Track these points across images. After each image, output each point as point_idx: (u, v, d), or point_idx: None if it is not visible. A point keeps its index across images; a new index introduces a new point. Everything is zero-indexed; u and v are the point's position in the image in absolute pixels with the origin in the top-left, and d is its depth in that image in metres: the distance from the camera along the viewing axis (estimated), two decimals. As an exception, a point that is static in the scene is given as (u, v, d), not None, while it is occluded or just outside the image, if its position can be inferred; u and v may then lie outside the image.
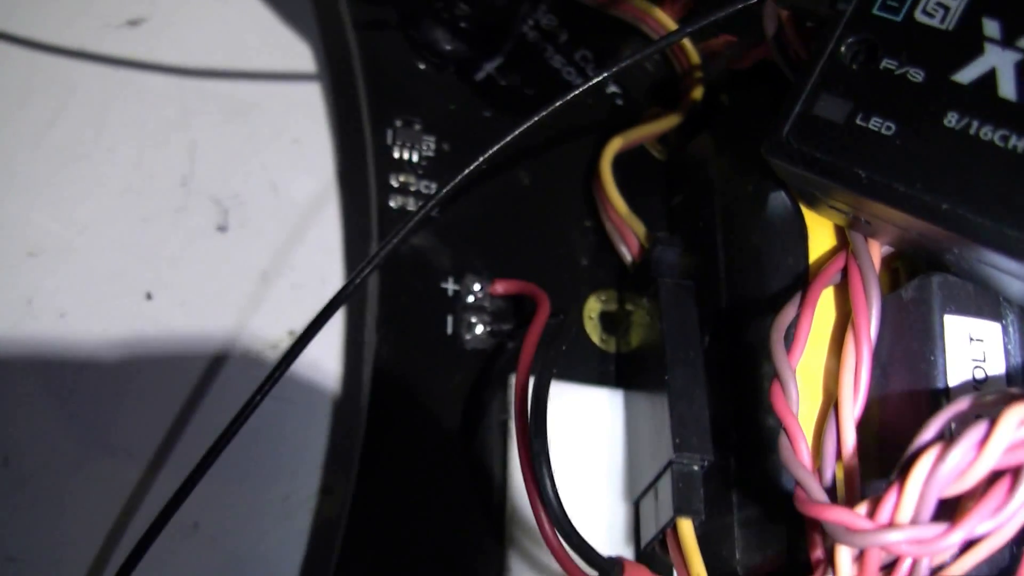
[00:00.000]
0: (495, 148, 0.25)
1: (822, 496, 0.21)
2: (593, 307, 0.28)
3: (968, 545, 0.20)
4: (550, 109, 0.25)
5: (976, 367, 0.22)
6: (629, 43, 0.32)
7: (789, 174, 0.23)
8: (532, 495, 0.23)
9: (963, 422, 0.20)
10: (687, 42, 0.31)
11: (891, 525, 0.19)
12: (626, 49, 0.32)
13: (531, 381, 0.24)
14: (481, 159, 0.25)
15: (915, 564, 0.21)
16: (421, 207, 0.24)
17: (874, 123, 0.21)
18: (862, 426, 0.24)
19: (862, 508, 0.20)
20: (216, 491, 0.26)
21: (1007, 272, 0.21)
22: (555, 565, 0.23)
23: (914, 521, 0.19)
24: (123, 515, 0.25)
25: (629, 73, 0.32)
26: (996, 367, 0.22)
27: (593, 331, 0.28)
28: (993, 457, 0.19)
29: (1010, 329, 0.23)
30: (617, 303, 0.29)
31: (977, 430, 0.19)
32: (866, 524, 0.20)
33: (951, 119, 0.21)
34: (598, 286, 0.29)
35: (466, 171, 0.25)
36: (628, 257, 0.28)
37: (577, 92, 0.25)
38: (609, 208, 0.28)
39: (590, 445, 0.27)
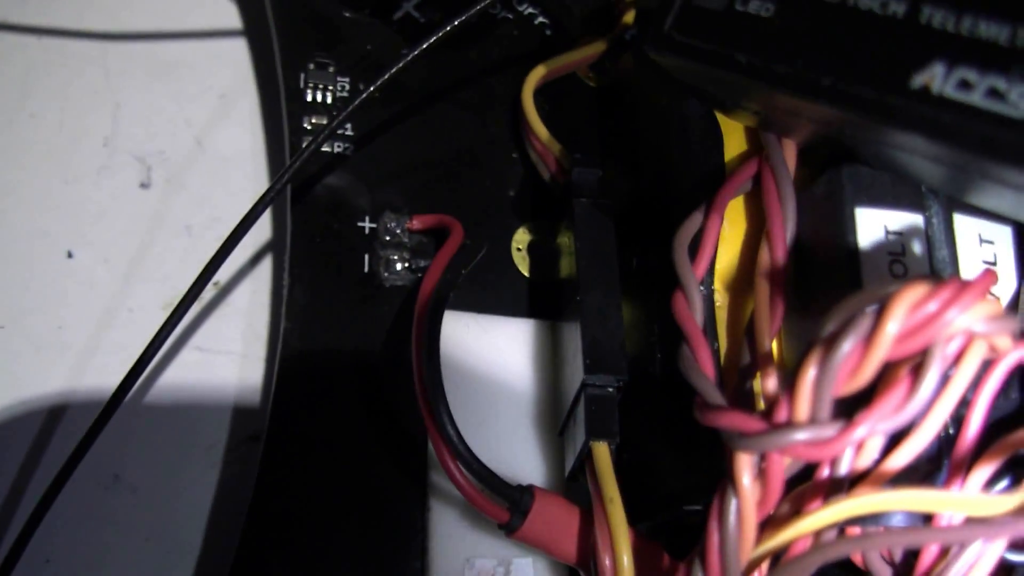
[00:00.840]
0: (393, 70, 0.24)
1: (719, 401, 0.20)
2: (521, 238, 0.27)
3: (894, 443, 0.19)
4: (443, 32, 0.24)
5: (894, 261, 0.21)
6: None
7: (675, 68, 0.22)
8: (429, 426, 0.22)
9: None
10: (616, -34, 0.30)
11: (783, 425, 0.18)
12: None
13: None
14: (380, 81, 0.24)
15: (832, 471, 0.20)
16: (324, 128, 0.24)
17: (753, 6, 0.20)
18: (784, 335, 0.22)
19: (758, 414, 0.19)
20: (137, 442, 0.25)
21: (909, 150, 0.19)
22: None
23: (811, 422, 0.18)
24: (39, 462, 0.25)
25: (560, 3, 0.31)
26: (918, 260, 0.21)
27: (522, 263, 0.27)
28: (883, 348, 0.17)
29: (934, 220, 0.21)
30: (546, 234, 0.28)
31: (865, 321, 0.17)
32: (758, 425, 0.18)
33: (829, -9, 0.19)
34: (528, 218, 0.28)
35: (363, 94, 0.24)
36: (552, 184, 0.27)
37: (471, 15, 0.24)
38: (532, 136, 0.27)
39: (520, 379, 0.26)
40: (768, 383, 0.21)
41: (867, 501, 0.19)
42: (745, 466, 0.19)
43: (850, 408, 0.18)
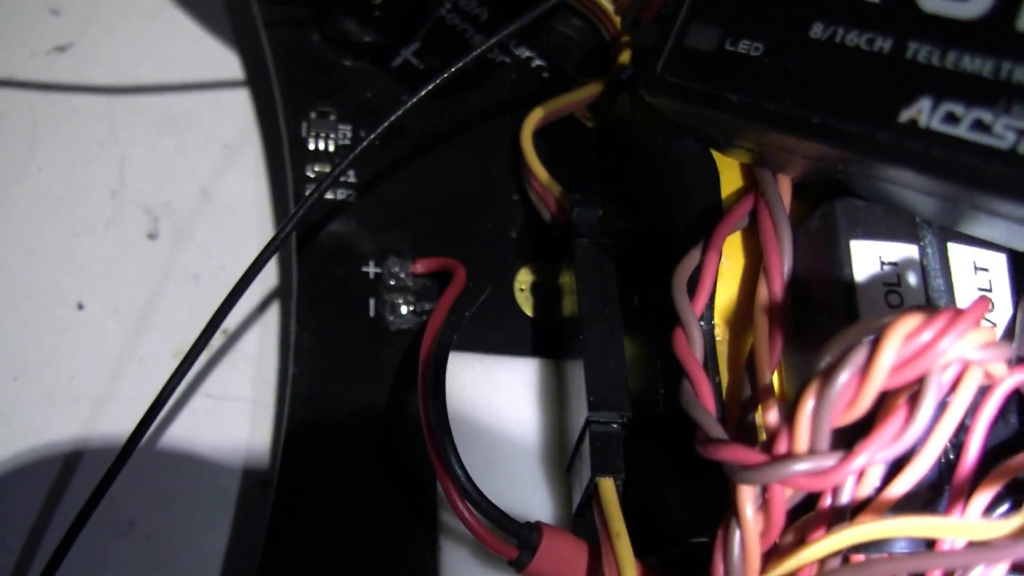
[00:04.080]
0: (392, 117, 0.25)
1: (720, 434, 0.20)
2: (524, 279, 0.28)
3: (896, 471, 0.19)
4: (440, 79, 0.25)
5: (890, 292, 0.21)
6: (554, 18, 0.31)
7: (667, 109, 0.22)
8: (436, 466, 0.22)
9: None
10: (610, 8, 0.31)
11: (784, 457, 0.18)
12: (554, 24, 0.32)
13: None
14: (380, 128, 0.25)
15: (834, 500, 0.20)
16: (327, 176, 0.24)
17: (743, 46, 0.21)
18: (785, 368, 0.23)
19: (759, 446, 0.19)
20: (151, 489, 0.26)
21: (900, 183, 0.20)
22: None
23: (810, 453, 0.18)
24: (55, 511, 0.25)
25: (558, 46, 0.31)
26: (913, 290, 0.21)
27: (525, 303, 0.28)
28: (879, 379, 0.17)
29: (928, 250, 0.22)
30: (549, 274, 0.28)
31: (860, 352, 0.18)
32: (759, 458, 0.19)
33: (817, 30, 0.20)
34: (531, 259, 0.28)
35: (364, 142, 0.25)
36: (553, 224, 0.28)
37: (468, 60, 0.25)
38: (531, 177, 0.28)
39: (526, 418, 0.26)
40: (769, 416, 0.22)
41: (869, 529, 0.19)
42: (747, 498, 0.19)
43: (851, 438, 0.18)
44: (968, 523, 0.19)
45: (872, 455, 0.18)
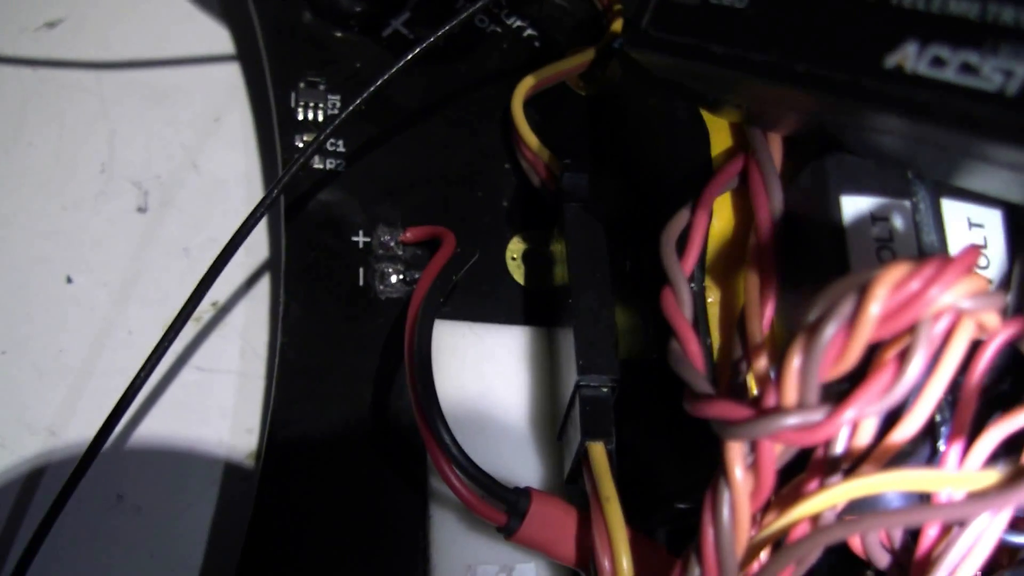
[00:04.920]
0: (379, 82, 0.25)
1: (707, 390, 0.20)
2: (516, 248, 0.27)
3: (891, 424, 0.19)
4: (427, 43, 0.24)
5: (881, 247, 0.21)
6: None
7: (655, 65, 0.22)
8: (423, 431, 0.22)
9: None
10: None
11: (772, 411, 0.18)
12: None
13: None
14: (367, 92, 0.25)
15: (827, 456, 0.19)
16: (313, 141, 0.24)
17: (727, -2, 0.20)
18: (776, 328, 0.22)
19: (747, 402, 0.19)
20: (140, 462, 0.25)
21: (889, 132, 0.19)
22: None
23: (799, 407, 0.18)
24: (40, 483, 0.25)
25: (549, 16, 0.31)
26: (905, 245, 0.21)
27: (517, 271, 0.27)
28: (866, 330, 0.17)
29: (921, 206, 0.21)
30: (541, 242, 0.28)
31: (847, 304, 0.17)
32: (746, 413, 0.18)
33: (801, -22, 0.20)
34: (523, 228, 0.28)
35: (356, 103, 0.25)
36: (543, 190, 0.27)
37: (455, 24, 0.25)
38: (522, 145, 0.28)
39: (517, 385, 0.26)
40: (759, 373, 0.21)
41: (863, 483, 0.18)
42: (736, 456, 0.19)
43: (847, 392, 0.18)
44: (965, 474, 0.19)
45: (862, 408, 0.18)
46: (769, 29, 0.20)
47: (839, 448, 0.19)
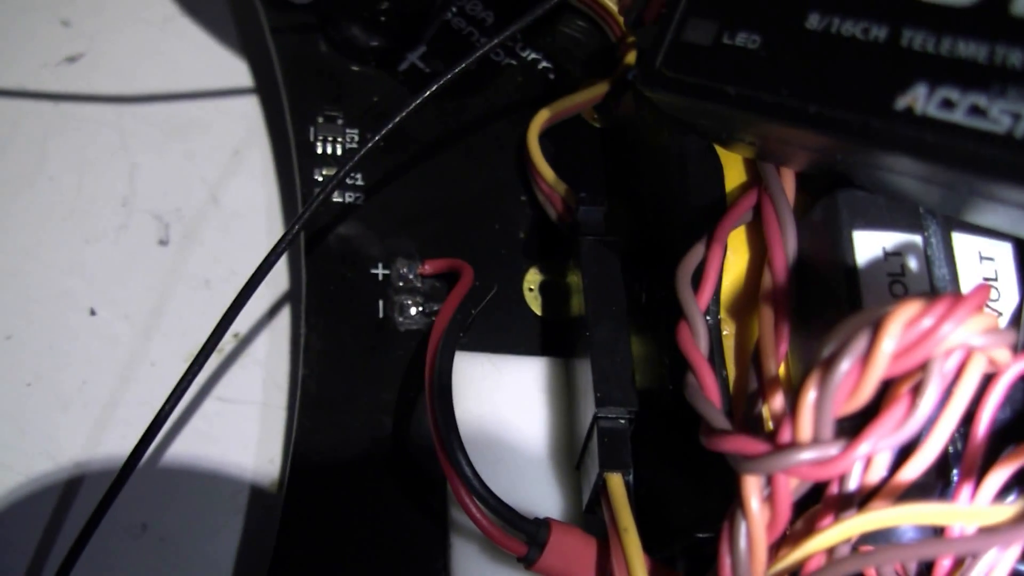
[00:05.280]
0: (397, 118, 0.25)
1: (723, 425, 0.20)
2: (533, 279, 0.28)
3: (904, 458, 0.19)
4: (444, 79, 0.25)
5: (893, 282, 0.21)
6: (560, 20, 0.32)
7: (668, 104, 0.22)
8: (443, 463, 0.23)
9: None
10: (615, 9, 0.31)
11: (787, 446, 0.18)
12: (559, 26, 0.32)
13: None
14: (386, 128, 0.25)
15: (841, 490, 0.20)
16: (333, 176, 0.25)
17: (740, 39, 0.21)
18: (791, 363, 0.23)
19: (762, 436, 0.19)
20: (163, 492, 0.26)
21: (899, 172, 0.20)
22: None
23: (814, 441, 0.18)
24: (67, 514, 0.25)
25: (563, 48, 0.31)
26: (918, 280, 0.21)
27: (534, 302, 0.28)
28: (880, 366, 0.17)
29: (932, 240, 0.21)
30: (557, 274, 0.28)
31: (861, 340, 0.18)
32: (761, 448, 0.19)
33: (812, 21, 0.20)
34: (540, 259, 0.28)
35: (375, 139, 0.25)
36: (559, 224, 0.28)
37: (472, 60, 0.25)
38: (538, 178, 0.28)
39: (536, 416, 0.26)
40: (774, 407, 0.22)
41: (877, 516, 0.19)
42: (753, 489, 0.19)
43: (859, 428, 0.18)
44: (977, 508, 0.19)
45: (876, 443, 0.18)
46: (781, 70, 0.20)
47: (853, 482, 0.19)
